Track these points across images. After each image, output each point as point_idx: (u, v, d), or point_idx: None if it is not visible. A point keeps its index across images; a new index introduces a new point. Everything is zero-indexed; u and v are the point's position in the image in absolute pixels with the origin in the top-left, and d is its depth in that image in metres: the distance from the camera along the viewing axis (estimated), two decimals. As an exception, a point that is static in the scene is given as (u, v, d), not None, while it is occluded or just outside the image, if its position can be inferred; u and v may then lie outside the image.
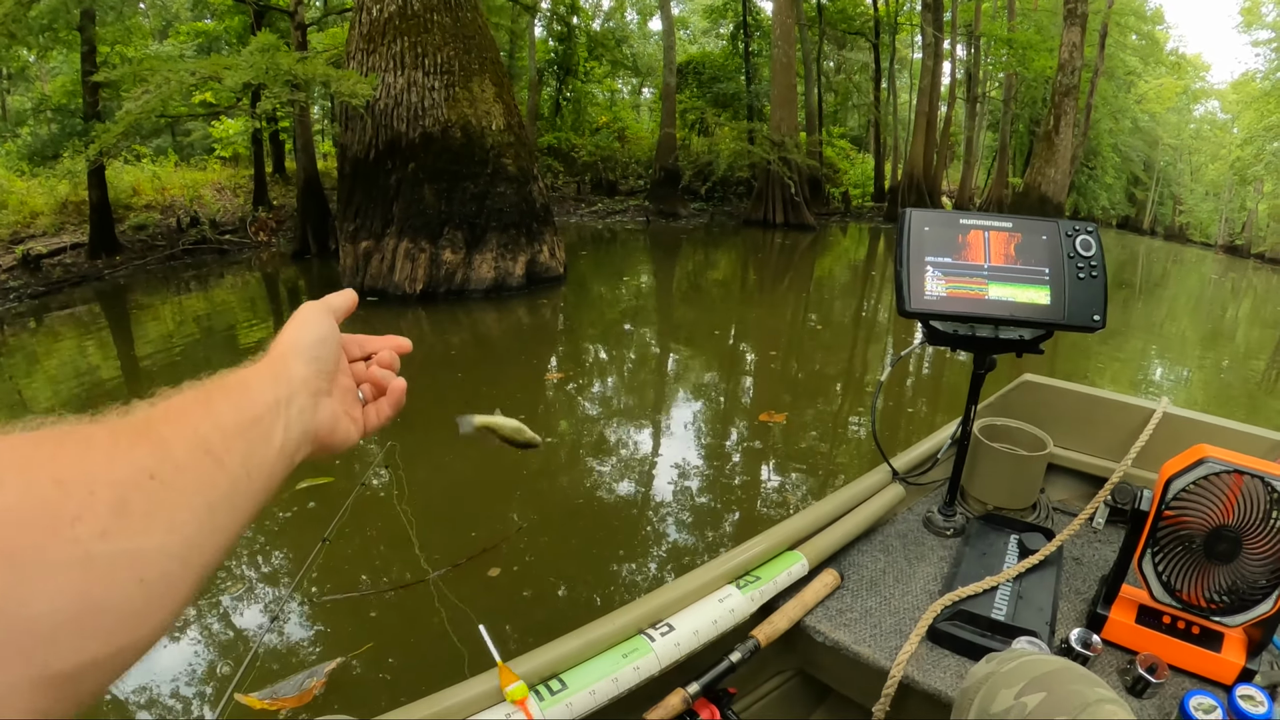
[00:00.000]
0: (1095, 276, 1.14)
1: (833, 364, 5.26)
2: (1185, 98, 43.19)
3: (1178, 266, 25.08)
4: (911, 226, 1.16)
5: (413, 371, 0.53)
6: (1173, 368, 7.63)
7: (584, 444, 3.52)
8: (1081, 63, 15.30)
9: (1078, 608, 1.18)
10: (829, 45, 22.07)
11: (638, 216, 14.26)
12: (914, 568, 1.27)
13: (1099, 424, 1.52)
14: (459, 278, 6.40)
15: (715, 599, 1.05)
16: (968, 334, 1.18)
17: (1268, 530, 0.93)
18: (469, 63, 6.61)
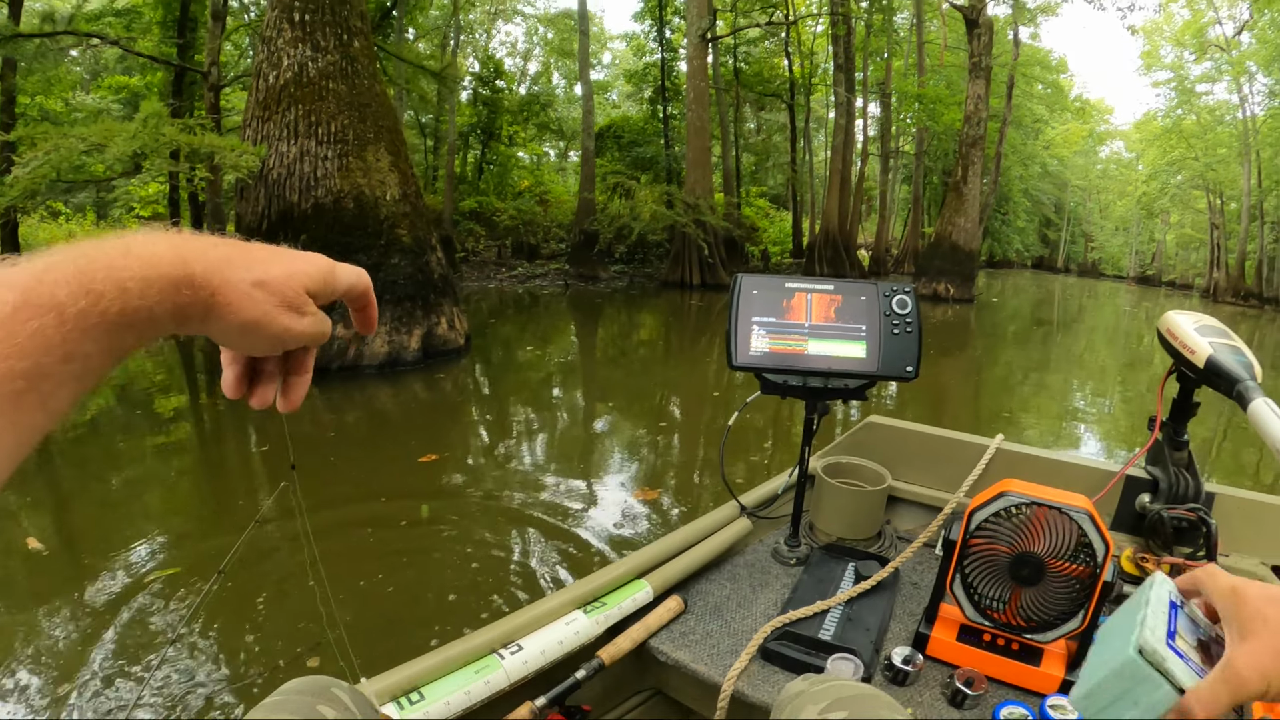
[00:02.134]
0: (910, 332, 1.26)
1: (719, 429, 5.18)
2: (1091, 140, 45.84)
3: (1093, 300, 26.23)
4: (741, 290, 1.28)
5: (283, 455, 0.35)
6: (1093, 399, 7.86)
7: (443, 529, 3.35)
8: (987, 114, 16.01)
9: (909, 627, 1.26)
10: (747, 107, 22.85)
11: (557, 280, 14.24)
12: (757, 594, 1.36)
13: (940, 460, 1.65)
14: (352, 353, 6.19)
15: (563, 623, 1.14)
16: (798, 384, 1.31)
17: (1067, 554, 1.03)
18: (364, 131, 6.53)
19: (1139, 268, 47.79)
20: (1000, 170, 23.27)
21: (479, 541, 3.22)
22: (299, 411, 0.48)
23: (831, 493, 1.57)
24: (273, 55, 6.35)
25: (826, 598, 1.25)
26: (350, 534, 3.14)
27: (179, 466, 4.23)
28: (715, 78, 18.04)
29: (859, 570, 1.34)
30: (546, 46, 26.43)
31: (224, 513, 3.56)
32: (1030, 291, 26.61)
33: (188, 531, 3.33)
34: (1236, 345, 1.16)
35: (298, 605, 2.55)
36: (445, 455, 4.33)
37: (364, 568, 2.84)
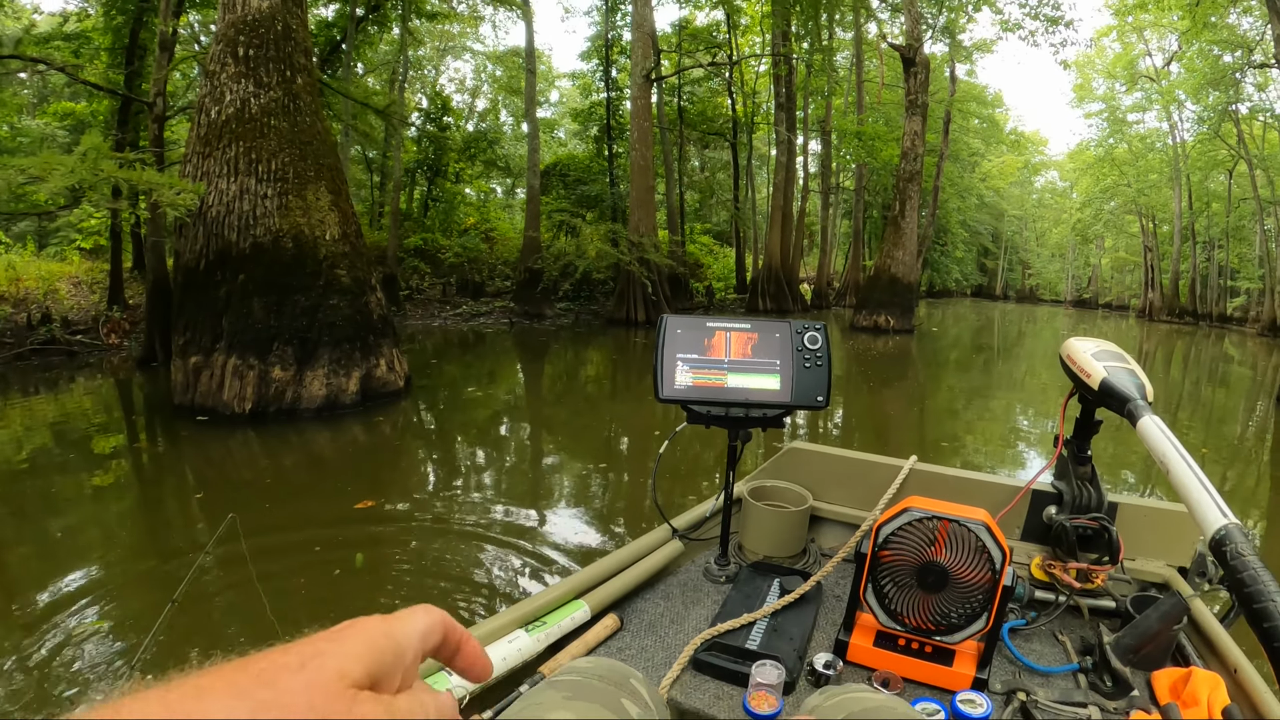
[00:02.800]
0: (820, 365, 1.39)
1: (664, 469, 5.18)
2: (1026, 171, 47.68)
3: (1032, 325, 27.07)
4: (666, 329, 1.39)
5: (219, 501, 0.30)
6: (1035, 419, 8.00)
7: (379, 577, 3.25)
8: (923, 149, 16.48)
9: (831, 636, 1.33)
10: (691, 146, 23.30)
11: (502, 319, 14.16)
12: (689, 610, 1.43)
13: (857, 481, 1.76)
14: (289, 396, 6.03)
15: (506, 641, 1.18)
16: (721, 414, 1.41)
17: (969, 562, 1.12)
18: (304, 169, 6.42)
19: (1076, 292, 49.77)
20: (938, 203, 24.05)
21: (413, 585, 3.15)
22: (235, 457, 0.44)
23: (757, 514, 1.68)
24: (215, 90, 6.28)
25: (753, 611, 1.33)
26: (285, 580, 3.06)
27: (117, 509, 4.12)
28: (660, 117, 18.38)
29: (783, 585, 1.44)
30: (495, 84, 26.65)
31: (166, 552, 3.50)
32: (970, 319, 27.36)
33: (131, 569, 3.31)
34: (1130, 368, 1.23)
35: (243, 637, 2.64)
36: (381, 500, 4.24)
37: (297, 615, 2.76)
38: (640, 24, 15.05)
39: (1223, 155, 26.04)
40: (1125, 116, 31.44)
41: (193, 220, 6.15)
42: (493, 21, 26.43)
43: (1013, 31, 19.51)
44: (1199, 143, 26.74)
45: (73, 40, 11.93)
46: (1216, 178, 28.15)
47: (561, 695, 0.68)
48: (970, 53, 26.25)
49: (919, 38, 16.10)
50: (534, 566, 3.45)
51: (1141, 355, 16.64)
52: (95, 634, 2.67)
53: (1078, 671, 1.24)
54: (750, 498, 1.72)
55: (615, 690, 0.70)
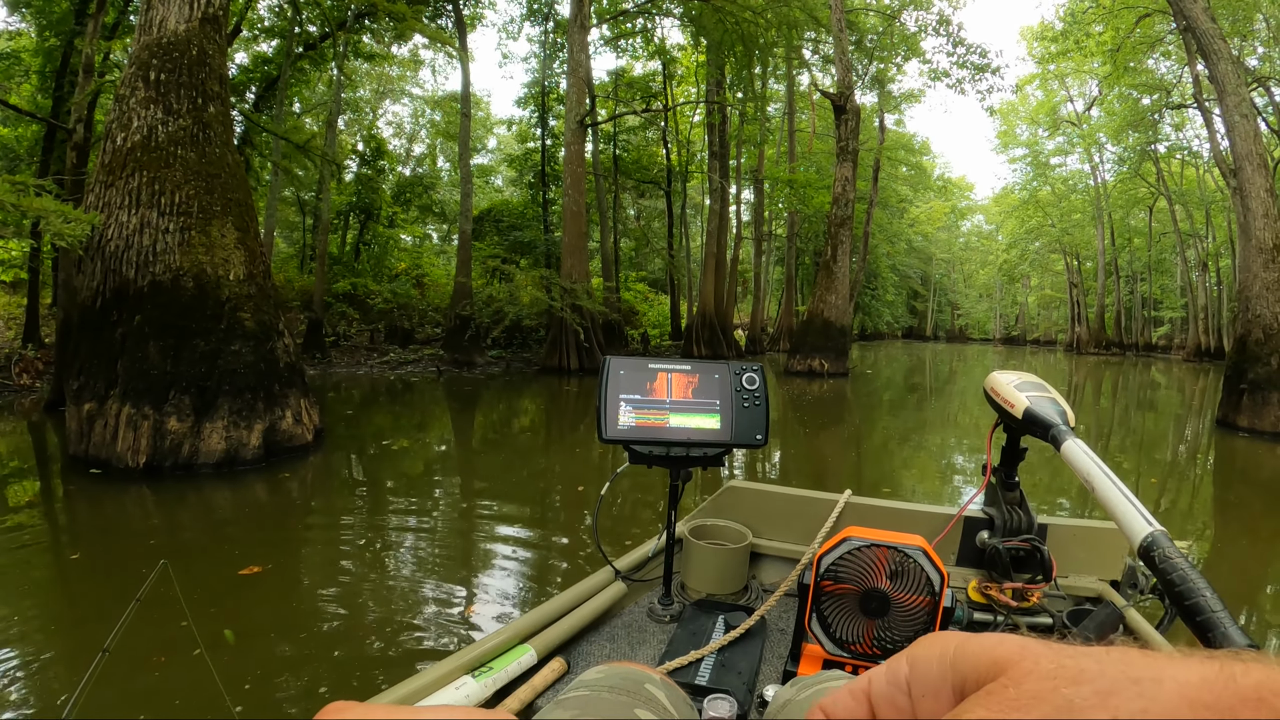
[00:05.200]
0: (759, 405, 1.43)
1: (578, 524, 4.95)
2: (953, 216, 49.76)
3: (962, 363, 27.87)
4: (610, 370, 1.41)
5: (96, 564, 0.30)
6: (970, 453, 8.06)
7: (264, 655, 2.89)
8: (854, 194, 16.86)
9: (778, 668, 1.37)
10: (626, 194, 23.57)
11: (430, 367, 13.74)
12: (636, 651, 1.45)
13: (795, 516, 1.80)
14: (186, 449, 5.54)
15: (453, 687, 1.18)
16: (663, 454, 1.43)
17: (908, 586, 1.15)
18: (210, 203, 6.03)
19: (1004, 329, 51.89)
20: (868, 248, 24.84)
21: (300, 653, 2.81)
22: (123, 515, 0.27)
23: (699, 553, 1.69)
24: (123, 115, 5.92)
25: (699, 648, 1.35)
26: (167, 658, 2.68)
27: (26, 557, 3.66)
28: (595, 164, 18.50)
29: (728, 621, 1.45)
30: (433, 129, 26.53)
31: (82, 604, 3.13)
32: (902, 360, 28.04)
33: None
34: (1051, 396, 1.27)
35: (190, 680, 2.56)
36: (269, 566, 3.87)
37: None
38: (575, 69, 15.19)
39: (1143, 193, 27.60)
40: (1048, 160, 33.05)
41: (90, 254, 5.73)
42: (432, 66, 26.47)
43: (941, 79, 20.49)
44: (1120, 182, 28.27)
45: (2, 61, 11.31)
46: (1137, 214, 29.79)
47: (568, 715, 0.62)
48: (899, 102, 27.46)
49: (850, 85, 16.65)
50: (446, 623, 3.18)
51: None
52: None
53: None
54: (691, 536, 1.73)
55: (628, 700, 0.65)
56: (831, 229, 16.75)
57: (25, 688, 2.63)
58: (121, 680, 2.60)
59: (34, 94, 11.50)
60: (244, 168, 7.05)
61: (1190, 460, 8.16)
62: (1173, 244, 28.36)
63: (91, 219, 5.66)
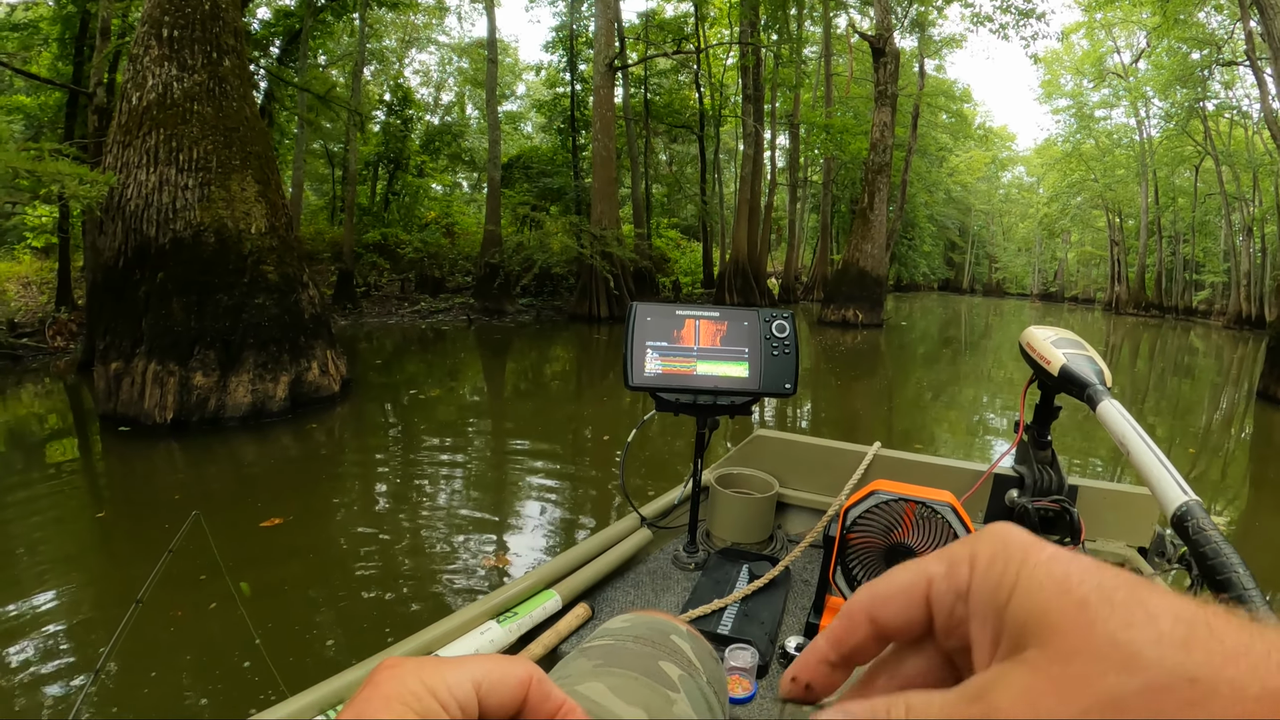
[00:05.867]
0: (788, 353, 1.40)
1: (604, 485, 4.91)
2: (994, 166, 48.27)
3: (999, 318, 27.35)
4: (636, 317, 1.39)
5: (121, 521, 0.29)
6: (1003, 411, 7.96)
7: (287, 605, 2.94)
8: (892, 141, 16.35)
9: (801, 620, 1.36)
10: (658, 139, 23.01)
11: (461, 316, 13.74)
12: (660, 598, 1.45)
13: (823, 467, 1.77)
14: (212, 404, 5.58)
15: (478, 633, 1.18)
16: (689, 401, 1.43)
17: (935, 544, 1.12)
18: (229, 158, 5.97)
19: (1042, 285, 50.51)
20: (906, 197, 24.10)
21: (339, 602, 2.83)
22: (153, 471, 0.24)
23: (724, 501, 1.69)
24: (138, 75, 5.85)
25: (723, 596, 1.35)
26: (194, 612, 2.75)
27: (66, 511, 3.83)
28: (625, 109, 18.06)
29: (752, 570, 1.46)
30: (460, 76, 26.10)
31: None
32: (938, 313, 27.52)
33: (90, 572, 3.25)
34: (1089, 355, 1.22)
35: (210, 633, 2.65)
36: (290, 519, 3.90)
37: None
38: (604, 11, 14.72)
39: (1189, 151, 26.48)
40: (1093, 112, 31.89)
41: (110, 215, 5.72)
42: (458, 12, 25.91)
43: (983, 24, 19.52)
44: (1166, 139, 27.17)
45: (21, 30, 11.31)
46: (1183, 173, 28.67)
47: (592, 664, 0.60)
48: (939, 47, 26.34)
49: (889, 27, 15.95)
50: (471, 569, 3.17)
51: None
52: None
53: None
54: (718, 485, 1.72)
55: (653, 651, 0.63)
56: (869, 176, 16.31)
57: (64, 640, 2.68)
58: (154, 629, 2.64)
59: (54, 61, 11.50)
60: (264, 121, 6.95)
61: (1226, 431, 7.85)
62: (1218, 206, 27.12)
63: (107, 179, 5.63)
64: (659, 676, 0.60)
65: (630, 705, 0.55)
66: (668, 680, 0.60)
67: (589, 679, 0.58)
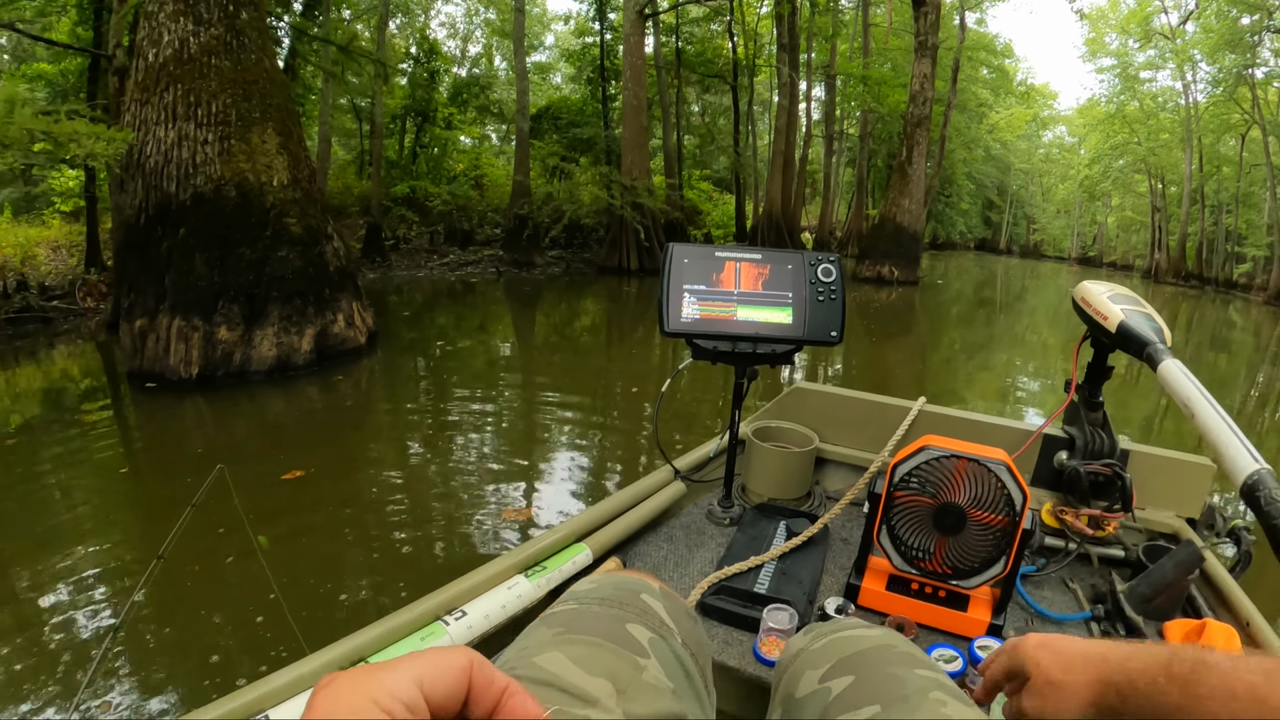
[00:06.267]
0: (834, 299, 1.32)
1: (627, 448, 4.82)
2: (1035, 125, 46.70)
3: (1035, 281, 26.73)
4: (673, 259, 1.32)
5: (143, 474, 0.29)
6: (1035, 376, 7.83)
7: (309, 558, 2.94)
8: (932, 93, 15.80)
9: (840, 580, 1.32)
10: (691, 90, 22.42)
11: (490, 268, 13.64)
12: (693, 553, 1.40)
13: (865, 422, 1.71)
14: (237, 358, 5.58)
15: (504, 587, 1.14)
16: (728, 349, 1.35)
17: (987, 504, 1.07)
18: (249, 111, 5.90)
19: (1081, 249, 49.03)
20: (945, 153, 23.36)
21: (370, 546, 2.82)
22: (178, 425, 0.82)
23: (762, 455, 1.63)
24: (153, 31, 5.75)
25: (760, 554, 1.30)
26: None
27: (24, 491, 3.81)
28: (657, 58, 17.59)
29: (790, 527, 1.40)
30: (488, 28, 25.61)
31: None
32: (974, 273, 26.94)
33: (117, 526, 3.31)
34: (1147, 312, 1.18)
35: (240, 585, 2.64)
36: (312, 471, 3.86)
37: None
38: (635, -45, 14.20)
39: (1236, 119, 25.39)
40: (1138, 74, 30.62)
41: (130, 173, 5.71)
42: (483, -39, 25.24)
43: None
44: (1212, 105, 26.10)
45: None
46: (1228, 141, 27.55)
47: (552, 633, 0.55)
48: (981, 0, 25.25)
49: (930, -25, 15.23)
50: (498, 522, 3.12)
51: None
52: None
53: (1090, 620, 1.22)
54: (755, 438, 1.66)
55: (619, 614, 0.58)
56: (907, 129, 15.84)
57: (89, 593, 2.68)
58: (177, 583, 2.67)
59: (74, 27, 11.42)
60: (287, 76, 6.81)
61: (1261, 410, 7.41)
62: (1263, 177, 25.83)
63: (125, 136, 5.58)
64: (625, 641, 0.55)
65: (592, 675, 0.50)
66: (635, 645, 0.55)
67: (547, 649, 0.53)
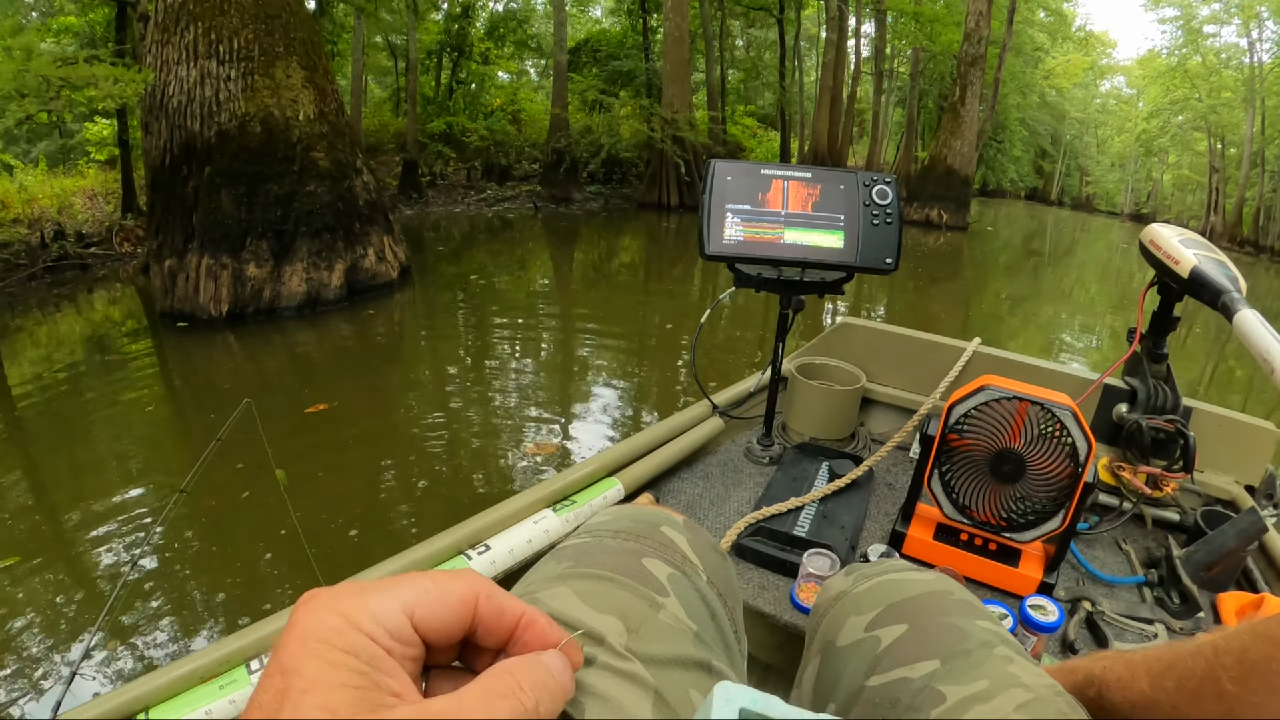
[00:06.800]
0: (890, 223, 1.23)
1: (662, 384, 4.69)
2: (1092, 73, 44.80)
3: (1085, 235, 25.87)
4: (715, 177, 1.22)
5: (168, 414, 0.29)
6: (1080, 333, 7.61)
7: (324, 486, 2.96)
8: (988, 32, 15.13)
9: (884, 527, 1.27)
10: (735, 22, 21.59)
11: (528, 203, 13.46)
12: (730, 492, 1.36)
13: (915, 362, 1.63)
14: (267, 295, 5.56)
15: (531, 521, 1.11)
16: (774, 275, 1.29)
17: (1049, 452, 1.01)
18: (272, 45, 5.77)
19: (1134, 205, 47.16)
20: (998, 96, 22.37)
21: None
22: (209, 362, 1.04)
23: (805, 392, 1.56)
24: None
25: (800, 495, 1.25)
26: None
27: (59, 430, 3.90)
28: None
29: (833, 469, 1.35)
30: (525, -40, 24.83)
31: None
32: (1023, 222, 26.12)
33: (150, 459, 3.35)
34: (1221, 259, 1.12)
35: (253, 520, 2.65)
36: (335, 405, 3.85)
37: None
38: (680, -125, 13.50)
39: None
40: (1201, 28, 28.93)
41: (154, 114, 5.64)
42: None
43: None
44: (1277, 65, 24.62)
45: None
46: None
47: (561, 567, 0.50)
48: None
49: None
50: (525, 457, 3.09)
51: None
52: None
53: (1143, 585, 1.17)
54: (798, 374, 1.60)
55: (636, 547, 0.53)
56: (961, 68, 15.21)
57: (114, 525, 2.71)
58: (199, 516, 2.70)
59: None
60: (314, 8, 6.58)
61: None
62: None
63: (144, 76, 5.49)
64: (641, 576, 0.50)
65: (602, 613, 0.45)
66: (653, 581, 0.50)
67: (554, 584, 0.49)
